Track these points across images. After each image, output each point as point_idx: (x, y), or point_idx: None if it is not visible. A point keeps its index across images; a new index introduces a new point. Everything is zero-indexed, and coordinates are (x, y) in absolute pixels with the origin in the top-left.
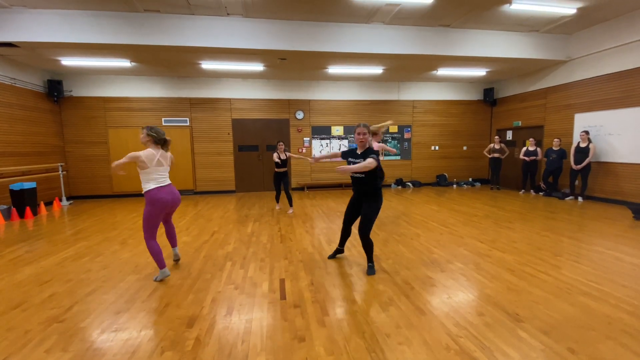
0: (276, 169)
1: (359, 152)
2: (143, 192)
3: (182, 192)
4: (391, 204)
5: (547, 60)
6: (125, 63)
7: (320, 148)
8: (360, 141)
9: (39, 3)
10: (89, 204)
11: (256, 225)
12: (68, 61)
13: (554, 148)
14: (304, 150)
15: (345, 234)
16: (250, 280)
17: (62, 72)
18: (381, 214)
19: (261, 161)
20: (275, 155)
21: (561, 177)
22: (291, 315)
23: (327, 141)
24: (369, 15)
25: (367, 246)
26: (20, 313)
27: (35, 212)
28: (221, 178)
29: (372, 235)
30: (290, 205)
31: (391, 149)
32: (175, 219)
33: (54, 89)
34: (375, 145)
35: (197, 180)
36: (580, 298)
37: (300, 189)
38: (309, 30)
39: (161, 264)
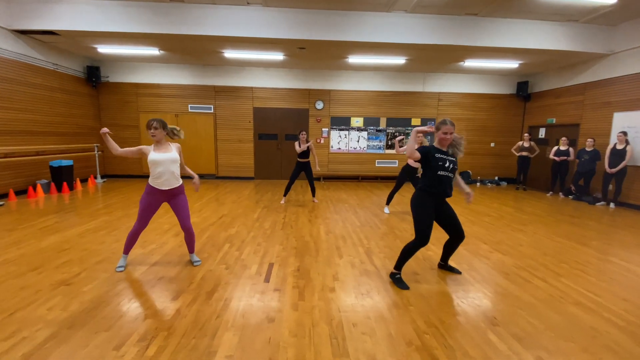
0: (298, 159)
1: (446, 150)
2: (181, 182)
3: (205, 176)
4: (404, 199)
5: (586, 53)
6: (154, 51)
7: (338, 139)
8: (447, 140)
9: None
10: (120, 182)
11: (264, 211)
12: (104, 49)
13: (587, 149)
14: (322, 141)
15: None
16: (241, 262)
17: (100, 58)
18: (389, 208)
19: (280, 150)
20: (296, 144)
21: (593, 181)
22: (268, 298)
23: (346, 132)
24: (390, 4)
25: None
26: (37, 275)
27: (71, 187)
28: (241, 164)
29: (374, 229)
30: (314, 195)
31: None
32: (191, 200)
33: (93, 75)
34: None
35: (219, 166)
36: (571, 308)
37: (317, 179)
38: (329, 19)
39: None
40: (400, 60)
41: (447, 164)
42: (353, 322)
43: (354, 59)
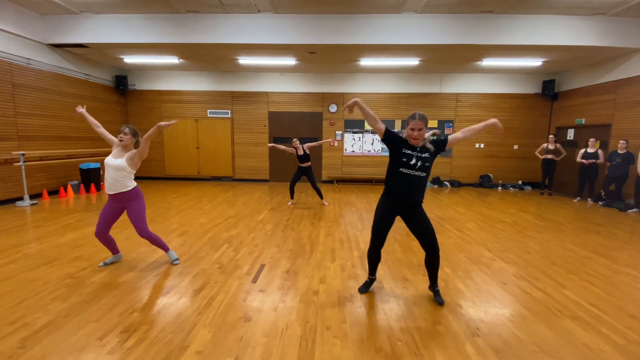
0: (299, 164)
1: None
2: (127, 190)
3: (222, 178)
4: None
5: (617, 48)
6: (174, 60)
7: (352, 142)
8: (415, 138)
9: (101, 9)
10: (143, 184)
11: (270, 213)
12: (129, 59)
13: (619, 151)
14: (335, 144)
15: (376, 260)
16: (234, 263)
17: (127, 68)
18: None
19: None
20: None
21: (626, 186)
22: (251, 298)
23: (360, 135)
24: (398, 5)
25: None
26: (49, 268)
27: (98, 188)
28: (257, 167)
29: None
30: (321, 197)
31: None
32: (204, 201)
33: (121, 83)
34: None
35: (236, 168)
36: (566, 322)
37: (330, 182)
38: (337, 23)
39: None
40: (413, 62)
41: (413, 161)
42: (327, 326)
43: (365, 62)
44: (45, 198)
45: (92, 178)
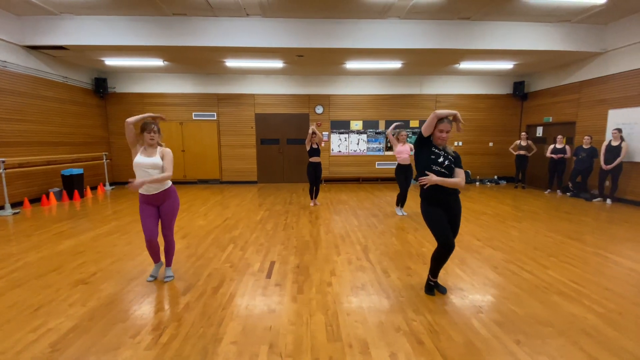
0: (310, 159)
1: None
2: (167, 187)
3: (209, 181)
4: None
5: (580, 53)
6: (159, 62)
7: (338, 142)
8: (442, 139)
9: (83, 10)
10: (125, 189)
11: (266, 213)
12: (111, 61)
13: (584, 146)
14: (323, 144)
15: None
16: (245, 261)
17: (107, 70)
18: (388, 208)
19: (281, 154)
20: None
21: (591, 178)
22: (270, 292)
23: (346, 135)
24: (384, 11)
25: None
26: (56, 275)
27: (82, 195)
28: (244, 169)
29: (371, 229)
30: (316, 196)
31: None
32: (196, 205)
33: (100, 86)
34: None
35: (223, 171)
36: (554, 297)
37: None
38: (325, 27)
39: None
40: (396, 65)
41: (440, 159)
42: (347, 312)
43: (351, 65)
44: (26, 206)
45: (75, 184)
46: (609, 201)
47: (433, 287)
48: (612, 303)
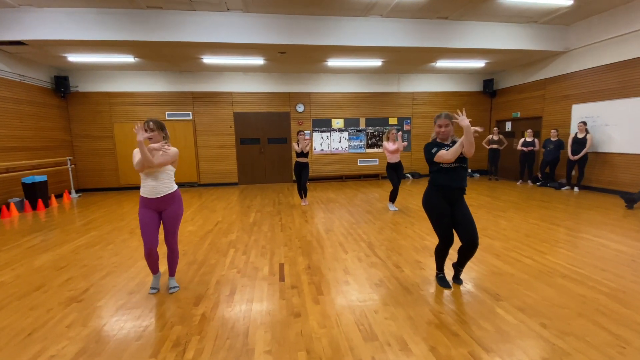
0: (297, 159)
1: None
2: (173, 191)
3: (187, 184)
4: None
5: (545, 52)
6: (129, 59)
7: (320, 141)
8: (443, 133)
9: (45, 2)
10: (97, 196)
11: (258, 215)
12: (74, 57)
13: (552, 139)
14: (308, 149)
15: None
16: (251, 265)
17: (68, 68)
18: (379, 204)
19: (262, 154)
20: (294, 144)
21: (558, 168)
22: (288, 295)
23: (328, 133)
24: (367, 9)
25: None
26: (42, 294)
27: (46, 204)
28: (224, 170)
29: (369, 225)
30: (304, 196)
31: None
32: None
33: (61, 85)
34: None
35: (201, 173)
36: (559, 280)
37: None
38: (308, 24)
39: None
40: (377, 63)
41: (447, 149)
42: (374, 310)
43: (333, 62)
44: None
45: (38, 193)
46: (576, 189)
47: (446, 279)
48: (612, 283)
